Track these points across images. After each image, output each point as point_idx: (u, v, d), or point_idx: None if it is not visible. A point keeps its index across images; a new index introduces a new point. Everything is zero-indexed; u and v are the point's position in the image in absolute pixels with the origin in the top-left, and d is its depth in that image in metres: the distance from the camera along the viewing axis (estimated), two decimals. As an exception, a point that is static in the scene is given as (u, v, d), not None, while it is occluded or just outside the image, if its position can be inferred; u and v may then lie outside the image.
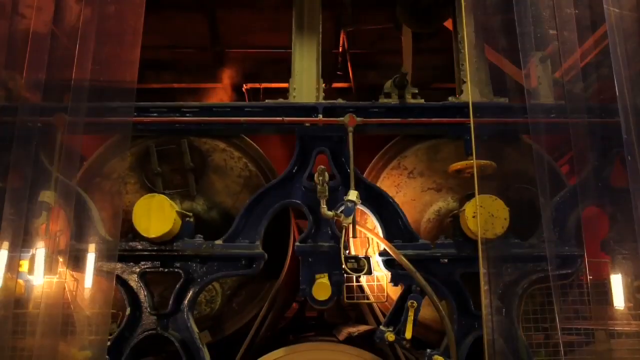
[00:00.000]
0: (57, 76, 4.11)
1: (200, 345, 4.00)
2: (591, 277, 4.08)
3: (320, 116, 4.29)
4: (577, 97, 4.23)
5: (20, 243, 3.87)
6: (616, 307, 4.08)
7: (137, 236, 4.04)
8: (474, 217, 3.95)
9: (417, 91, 4.45)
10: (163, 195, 4.03)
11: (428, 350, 4.00)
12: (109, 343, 3.92)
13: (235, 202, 4.62)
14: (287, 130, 4.39)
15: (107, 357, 3.86)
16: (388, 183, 4.65)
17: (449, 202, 4.66)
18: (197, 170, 4.49)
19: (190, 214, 4.26)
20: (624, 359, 3.99)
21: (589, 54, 4.33)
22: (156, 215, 3.95)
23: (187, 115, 4.39)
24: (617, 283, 4.11)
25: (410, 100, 4.41)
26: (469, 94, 4.31)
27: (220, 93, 7.12)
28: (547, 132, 4.15)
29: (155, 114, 4.41)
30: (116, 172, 4.52)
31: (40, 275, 3.91)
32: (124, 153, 4.31)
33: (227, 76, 7.09)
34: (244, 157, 4.58)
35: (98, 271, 3.98)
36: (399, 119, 4.37)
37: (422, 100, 4.42)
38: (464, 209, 4.00)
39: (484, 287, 3.86)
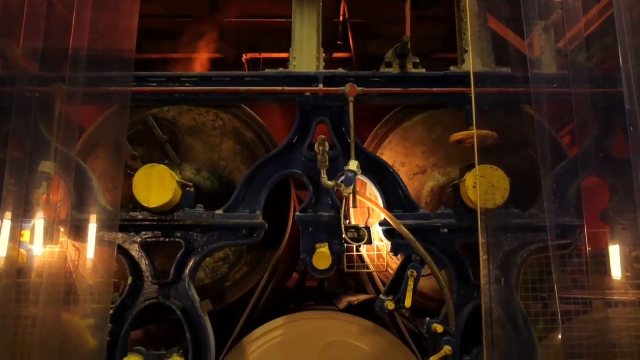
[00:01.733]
0: (54, 45, 4.07)
1: (202, 314, 4.04)
2: (590, 247, 4.10)
3: (321, 85, 4.26)
4: (580, 67, 4.20)
5: (22, 213, 3.89)
6: (614, 277, 4.11)
7: (138, 206, 4.04)
8: (474, 187, 3.95)
9: (418, 60, 4.41)
10: (163, 166, 4.02)
11: (427, 319, 4.05)
12: (111, 311, 3.96)
13: (220, 154, 4.63)
14: (287, 100, 4.37)
15: (109, 324, 3.91)
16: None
17: (438, 178, 4.67)
18: (172, 140, 4.47)
19: (191, 183, 4.25)
20: (620, 327, 4.03)
21: (593, 23, 4.27)
22: (156, 185, 3.95)
23: (186, 84, 4.36)
24: (615, 253, 4.13)
25: (411, 69, 4.37)
26: (471, 63, 4.26)
27: (218, 63, 7.05)
28: (549, 102, 4.12)
29: (154, 84, 4.37)
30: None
31: (41, 244, 3.93)
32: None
33: (226, 46, 7.00)
34: (212, 109, 4.57)
35: (99, 241, 4.00)
36: (400, 89, 4.34)
37: (424, 70, 4.38)
38: (465, 179, 4.00)
39: (483, 256, 3.89)
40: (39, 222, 3.98)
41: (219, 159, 4.63)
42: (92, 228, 4.03)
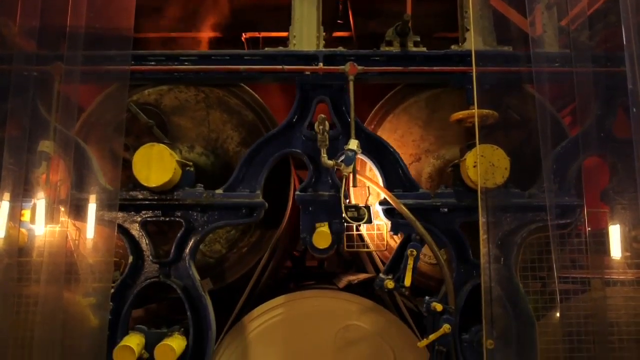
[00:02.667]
0: (52, 23, 4.04)
1: (202, 293, 4.06)
2: (590, 227, 4.11)
3: (321, 64, 4.22)
4: (583, 46, 4.16)
5: (22, 192, 3.89)
6: (613, 257, 4.13)
7: (138, 185, 4.04)
8: (474, 166, 3.95)
9: (419, 39, 4.36)
10: (163, 145, 4.01)
11: (427, 298, 4.07)
12: (112, 290, 3.98)
13: (209, 126, 4.61)
14: (287, 79, 4.34)
15: (110, 303, 3.94)
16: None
17: (433, 162, 4.65)
18: (158, 123, 4.42)
19: (191, 163, 4.24)
20: (619, 306, 4.06)
21: (596, 1, 4.23)
22: (156, 165, 3.94)
23: (186, 63, 4.33)
24: (615, 233, 4.14)
25: (412, 48, 4.34)
26: (472, 42, 4.22)
27: (218, 42, 6.99)
28: (550, 82, 4.09)
29: (153, 63, 4.34)
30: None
31: (42, 224, 3.93)
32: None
33: (225, 25, 6.94)
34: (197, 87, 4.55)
35: (99, 220, 4.01)
36: (401, 67, 4.31)
37: (424, 49, 4.34)
38: (465, 159, 3.99)
39: (483, 236, 3.90)
40: (39, 201, 3.98)
41: (209, 132, 4.61)
42: (92, 208, 4.03)
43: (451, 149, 4.61)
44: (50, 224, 3.93)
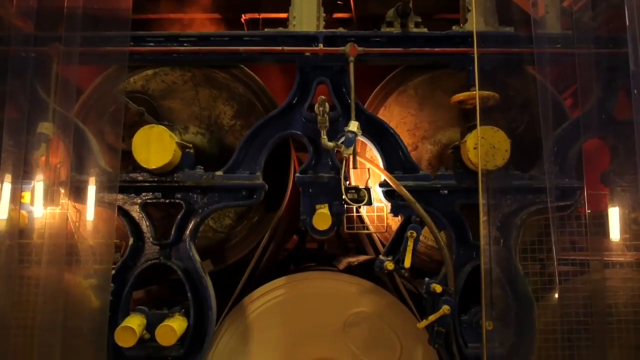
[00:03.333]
0: (49, 3, 4.00)
1: (203, 274, 4.08)
2: (589, 209, 4.11)
3: (321, 45, 4.19)
4: (585, 27, 4.14)
5: (21, 174, 3.89)
6: (612, 239, 4.14)
7: (138, 167, 4.03)
8: (475, 148, 3.94)
9: (420, 20, 4.33)
10: (162, 126, 3.99)
11: (426, 279, 4.09)
12: (113, 272, 4.00)
13: (200, 105, 4.58)
14: (287, 60, 4.31)
15: (111, 285, 3.95)
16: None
17: (430, 149, 4.63)
18: (149, 109, 4.38)
19: (190, 145, 4.23)
20: (617, 288, 4.08)
21: (599, -18, 4.20)
22: (156, 146, 3.93)
23: (185, 44, 4.29)
24: (614, 215, 4.15)
25: (413, 29, 4.30)
26: (474, 22, 4.18)
27: (217, 24, 6.93)
28: (552, 63, 4.07)
29: (152, 44, 4.30)
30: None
31: (42, 206, 3.94)
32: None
33: (225, 6, 6.87)
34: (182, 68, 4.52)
35: (100, 202, 4.01)
36: (401, 49, 4.27)
37: (425, 30, 4.31)
38: (466, 140, 3.98)
39: (483, 217, 3.90)
40: (39, 183, 3.97)
41: (201, 110, 4.58)
42: (92, 190, 4.03)
43: (446, 133, 4.60)
44: (51, 206, 3.93)
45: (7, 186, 3.86)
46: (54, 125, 3.99)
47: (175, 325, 3.84)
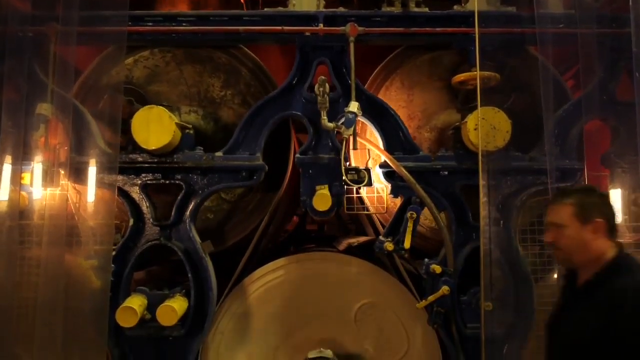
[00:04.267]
0: (46, -19, 3.96)
1: (203, 255, 4.09)
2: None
3: (321, 25, 4.14)
4: (588, 6, 4.09)
5: (21, 155, 3.88)
6: (612, 220, 4.14)
7: (137, 148, 4.02)
8: (475, 129, 3.92)
9: (421, -1, 4.30)
10: (162, 107, 3.97)
11: (426, 260, 4.10)
12: (114, 253, 4.01)
13: (187, 83, 4.53)
14: (287, 40, 4.27)
15: (112, 265, 3.97)
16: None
17: (428, 136, 4.60)
18: (137, 97, 4.37)
19: (190, 125, 4.21)
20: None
21: (603, -40, 4.14)
22: (155, 127, 3.90)
23: (184, 24, 4.25)
24: (614, 196, 4.15)
25: (414, 8, 4.25)
26: (475, 2, 4.13)
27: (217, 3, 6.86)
28: (554, 43, 4.03)
29: (150, 23, 4.26)
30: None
31: (42, 187, 3.93)
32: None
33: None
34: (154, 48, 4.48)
35: (99, 183, 4.00)
36: (402, 29, 4.22)
37: (427, 9, 4.26)
38: (466, 121, 3.96)
39: (483, 199, 3.90)
40: (38, 164, 3.97)
41: (189, 88, 4.54)
42: (92, 170, 4.02)
43: (440, 117, 4.58)
44: (51, 187, 3.93)
45: (6, 167, 3.86)
46: (53, 106, 3.97)
47: (176, 306, 3.86)
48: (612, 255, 2.73)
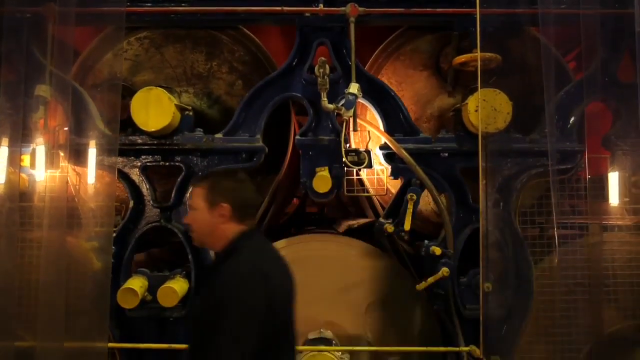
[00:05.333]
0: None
1: (204, 237, 4.10)
2: (590, 173, 4.11)
3: (321, 6, 4.10)
4: (591, -15, 4.05)
5: (20, 137, 3.87)
6: (612, 202, 4.15)
7: (137, 130, 4.00)
8: (476, 111, 3.90)
9: (422, -21, 4.25)
10: (161, 89, 3.94)
11: (426, 242, 4.11)
12: (114, 235, 4.01)
13: (171, 65, 4.51)
14: (287, 21, 4.26)
15: (113, 247, 3.98)
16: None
17: (427, 126, 4.63)
18: (124, 91, 4.22)
19: (190, 107, 4.19)
20: (614, 251, 4.11)
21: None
22: (154, 109, 3.88)
23: (183, 4, 4.22)
24: (615, 178, 4.15)
25: (414, -11, 4.23)
26: (477, -18, 4.10)
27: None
28: (556, 25, 3.99)
29: (149, 4, 4.23)
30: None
31: (42, 169, 3.93)
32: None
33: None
34: (131, 38, 4.44)
35: (99, 165, 3.99)
36: (403, 9, 4.19)
37: (428, -11, 4.24)
38: (467, 103, 3.94)
39: (482, 180, 3.90)
40: (38, 146, 3.96)
41: (174, 69, 4.51)
42: (92, 152, 4.01)
43: (434, 104, 4.61)
44: (51, 169, 3.92)
45: (5, 149, 3.84)
46: (52, 88, 3.95)
47: (176, 287, 3.88)
48: (232, 238, 2.77)
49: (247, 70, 4.51)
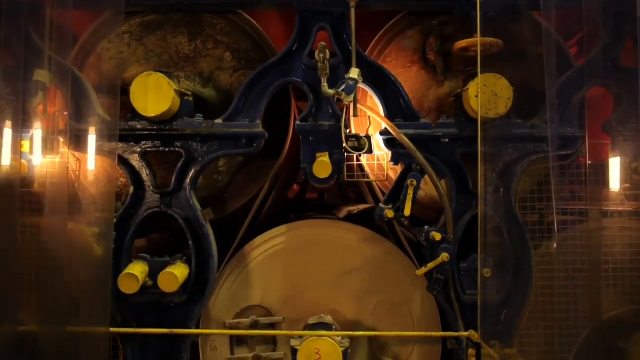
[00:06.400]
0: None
1: (203, 222, 4.11)
2: (590, 158, 4.10)
3: (321, -11, 4.08)
4: (593, -32, 4.01)
5: (20, 123, 3.85)
6: (612, 188, 4.15)
7: (137, 115, 3.99)
8: (476, 96, 3.89)
9: (422, -38, 4.22)
10: (160, 74, 3.92)
11: (426, 227, 4.12)
12: (115, 220, 4.02)
13: (155, 52, 4.49)
14: (286, 5, 4.21)
15: (113, 232, 3.98)
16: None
17: (428, 118, 4.54)
18: (122, 90, 4.21)
19: (189, 92, 4.17)
20: (614, 236, 4.12)
21: None
22: (153, 94, 3.87)
23: (181, -12, 4.19)
24: (615, 164, 4.14)
25: (415, -27, 4.20)
26: (477, -34, 4.06)
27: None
28: (557, 9, 3.96)
29: (148, -13, 4.21)
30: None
31: (42, 155, 3.92)
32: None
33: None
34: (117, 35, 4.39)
35: (99, 150, 3.99)
36: (404, -7, 4.18)
37: (429, -26, 4.21)
38: (467, 88, 3.93)
39: (483, 166, 3.89)
40: (37, 132, 3.94)
41: (158, 57, 4.50)
42: (92, 138, 4.00)
43: (429, 96, 4.59)
44: (50, 154, 3.91)
45: (5, 134, 3.83)
46: (50, 72, 3.93)
47: (177, 272, 3.89)
48: None
49: (232, 40, 4.48)
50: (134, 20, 4.42)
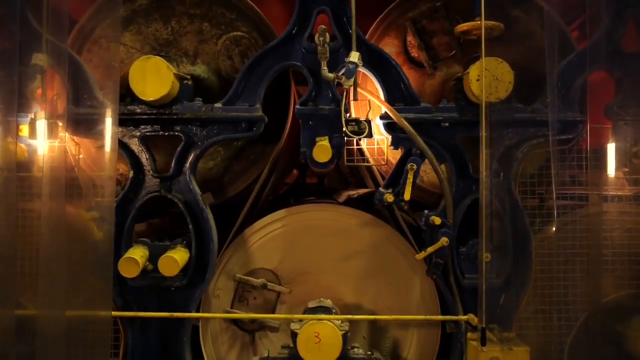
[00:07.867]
0: None
1: (204, 206, 4.11)
2: (591, 143, 4.10)
3: (321, -29, 4.04)
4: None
5: (16, 106, 3.83)
6: (612, 173, 4.15)
7: (136, 99, 3.96)
8: (477, 80, 3.86)
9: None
10: (159, 57, 3.89)
11: (426, 211, 4.12)
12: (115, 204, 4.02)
13: (136, 48, 4.47)
14: (286, -12, 4.18)
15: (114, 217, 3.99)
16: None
17: None
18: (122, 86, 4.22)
19: (189, 76, 4.15)
20: (613, 221, 4.13)
21: None
22: (152, 78, 3.84)
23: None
24: (616, 149, 4.13)
25: (416, -45, 4.15)
26: (479, -51, 4.01)
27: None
28: (560, -8, 3.94)
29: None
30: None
31: (40, 139, 3.90)
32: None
33: None
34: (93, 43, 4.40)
35: (99, 135, 3.96)
36: (404, -24, 4.13)
37: (429, -44, 4.16)
38: (468, 72, 3.90)
39: (483, 150, 3.88)
40: (36, 116, 3.93)
41: (141, 51, 4.46)
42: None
43: (424, 90, 4.60)
44: (49, 139, 3.89)
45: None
46: (48, 56, 3.89)
47: (177, 257, 3.90)
48: None
49: (205, 9, 4.41)
50: (103, 23, 4.34)
